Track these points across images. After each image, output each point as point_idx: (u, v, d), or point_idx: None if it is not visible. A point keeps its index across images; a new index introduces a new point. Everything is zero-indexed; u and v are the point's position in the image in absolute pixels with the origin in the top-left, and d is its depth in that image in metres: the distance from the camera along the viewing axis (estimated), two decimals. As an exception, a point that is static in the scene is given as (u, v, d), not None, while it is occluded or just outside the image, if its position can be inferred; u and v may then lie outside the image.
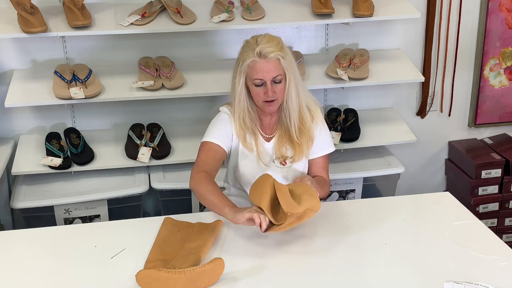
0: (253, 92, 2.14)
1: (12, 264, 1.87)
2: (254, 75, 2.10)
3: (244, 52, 2.12)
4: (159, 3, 2.80)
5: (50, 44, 2.88)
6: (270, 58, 2.08)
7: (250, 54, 2.09)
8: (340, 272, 1.81)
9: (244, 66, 2.10)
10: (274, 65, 2.09)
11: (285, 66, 2.10)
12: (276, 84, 2.11)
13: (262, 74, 2.09)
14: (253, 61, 2.08)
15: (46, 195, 2.75)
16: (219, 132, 2.21)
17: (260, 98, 2.14)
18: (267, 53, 2.07)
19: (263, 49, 2.06)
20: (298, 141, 2.22)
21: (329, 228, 2.04)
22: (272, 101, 2.14)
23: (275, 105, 2.16)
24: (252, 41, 2.12)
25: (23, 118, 2.98)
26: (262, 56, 2.07)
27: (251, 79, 2.11)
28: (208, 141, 2.20)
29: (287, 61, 2.11)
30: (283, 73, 2.11)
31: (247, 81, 2.14)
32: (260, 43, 2.08)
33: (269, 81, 2.10)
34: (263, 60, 2.08)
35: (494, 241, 1.98)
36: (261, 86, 2.11)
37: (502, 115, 3.48)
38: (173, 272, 1.68)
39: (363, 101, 3.29)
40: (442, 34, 3.26)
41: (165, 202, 2.90)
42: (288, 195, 1.88)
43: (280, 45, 2.11)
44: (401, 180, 3.14)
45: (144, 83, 2.76)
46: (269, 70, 2.08)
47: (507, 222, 3.39)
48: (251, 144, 2.23)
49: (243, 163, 2.25)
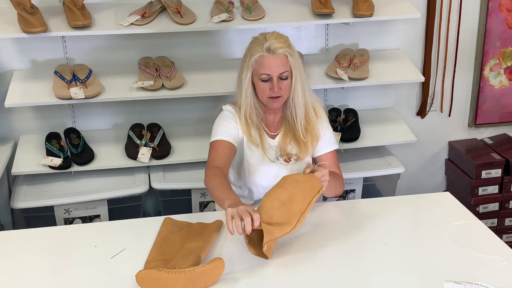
0: (258, 87, 2.15)
1: (12, 264, 1.87)
2: (261, 69, 2.11)
3: (252, 47, 2.13)
4: (159, 3, 2.80)
5: (50, 44, 2.88)
6: (278, 54, 2.09)
7: (259, 49, 2.10)
8: (340, 272, 1.81)
9: (252, 60, 2.11)
10: (281, 61, 2.10)
11: (292, 63, 2.12)
12: (283, 80, 2.12)
13: (270, 69, 2.10)
14: (261, 56, 2.10)
15: (46, 195, 2.75)
16: (225, 129, 2.21)
17: (265, 94, 2.14)
18: (276, 49, 2.08)
19: (272, 44, 2.08)
20: (304, 139, 2.23)
21: (329, 228, 2.04)
22: (277, 98, 2.14)
23: (280, 102, 2.17)
24: (260, 37, 2.14)
25: (23, 118, 2.98)
26: (270, 51, 2.09)
27: (258, 74, 2.12)
28: (216, 139, 2.20)
29: (294, 58, 2.13)
30: (289, 70, 2.12)
31: (254, 76, 2.15)
32: (269, 39, 2.10)
33: (275, 76, 2.10)
34: (271, 55, 2.09)
35: (494, 241, 1.98)
36: (267, 82, 2.12)
37: (502, 115, 3.48)
38: (173, 272, 1.68)
39: (363, 101, 3.29)
40: (442, 34, 3.26)
41: (165, 202, 2.90)
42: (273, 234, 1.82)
43: (288, 42, 2.14)
44: (401, 180, 3.14)
45: (144, 83, 2.76)
46: (277, 65, 2.09)
47: (507, 222, 3.39)
48: (257, 139, 2.24)
49: (248, 158, 2.26)
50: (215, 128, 2.24)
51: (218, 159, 2.15)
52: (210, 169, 2.10)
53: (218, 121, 2.25)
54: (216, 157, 2.16)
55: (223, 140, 2.18)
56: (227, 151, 2.18)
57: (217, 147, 2.19)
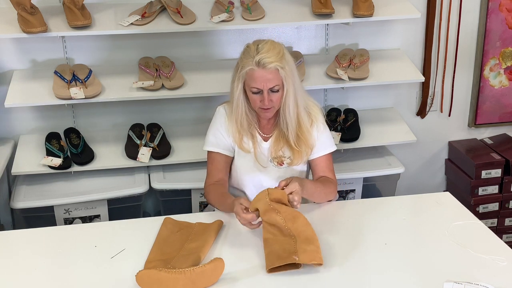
0: (250, 98, 2.15)
1: (12, 264, 1.87)
2: (252, 83, 2.09)
3: (243, 59, 2.10)
4: (159, 3, 2.80)
5: (50, 44, 2.87)
6: (268, 68, 2.06)
7: (249, 62, 2.06)
8: (340, 272, 1.80)
9: (243, 73, 2.09)
10: (272, 75, 2.07)
11: (283, 76, 2.08)
12: (274, 93, 2.10)
13: (260, 83, 2.07)
14: (251, 70, 2.07)
15: (46, 195, 2.75)
16: (215, 140, 2.25)
17: (256, 105, 2.14)
18: (266, 64, 2.04)
19: (262, 58, 2.04)
20: (297, 148, 2.21)
21: (329, 228, 2.04)
22: (268, 109, 2.14)
23: (271, 112, 2.17)
24: (253, 47, 2.09)
25: (23, 118, 2.98)
26: (260, 65, 2.05)
27: (249, 86, 2.11)
28: (210, 151, 2.27)
29: (286, 71, 2.08)
30: (281, 83, 2.09)
31: (245, 87, 2.14)
32: (261, 51, 2.05)
33: (266, 90, 2.08)
34: (261, 69, 2.06)
35: (494, 241, 1.98)
36: (258, 94, 2.11)
37: (502, 115, 3.48)
38: (173, 272, 1.68)
39: (363, 101, 3.29)
40: (442, 34, 3.26)
41: (165, 202, 2.90)
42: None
43: (281, 54, 2.08)
44: (401, 180, 3.14)
45: (144, 83, 2.76)
46: (267, 80, 2.07)
47: (507, 222, 3.39)
48: (248, 145, 2.23)
49: (239, 163, 2.26)
50: (208, 133, 2.29)
51: (215, 175, 2.25)
52: (208, 187, 2.24)
53: (211, 127, 2.29)
54: (212, 172, 2.26)
55: (217, 153, 2.25)
56: (222, 164, 2.26)
57: (212, 161, 2.27)
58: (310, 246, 1.81)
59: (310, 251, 1.79)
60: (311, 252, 1.79)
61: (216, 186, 2.22)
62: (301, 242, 1.83)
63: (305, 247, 1.80)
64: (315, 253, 1.80)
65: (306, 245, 1.81)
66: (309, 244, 1.82)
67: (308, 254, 1.78)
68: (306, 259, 1.77)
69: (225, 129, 2.24)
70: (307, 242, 1.83)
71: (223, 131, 2.24)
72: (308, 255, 1.78)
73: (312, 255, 1.79)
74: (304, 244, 1.82)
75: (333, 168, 2.32)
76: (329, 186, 2.22)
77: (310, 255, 1.78)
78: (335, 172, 2.32)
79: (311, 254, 1.79)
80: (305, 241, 1.84)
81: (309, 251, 1.79)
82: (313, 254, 1.79)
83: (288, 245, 1.82)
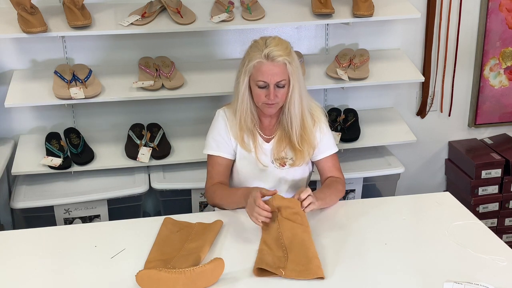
0: (254, 92, 2.14)
1: (12, 264, 1.87)
2: (259, 76, 2.08)
3: (251, 52, 2.10)
4: (159, 3, 2.80)
5: (50, 44, 2.87)
6: (277, 62, 2.06)
7: (257, 55, 2.07)
8: (340, 272, 1.80)
9: (250, 66, 2.09)
10: (280, 69, 2.07)
11: (290, 72, 2.09)
12: (279, 88, 2.11)
13: (267, 77, 2.07)
14: (259, 62, 2.07)
15: (46, 195, 2.75)
16: (215, 143, 2.25)
17: (260, 100, 2.13)
18: (275, 56, 2.05)
19: (271, 51, 2.05)
20: (300, 147, 2.21)
21: (329, 228, 2.04)
22: (273, 104, 2.13)
23: (275, 108, 2.16)
24: (261, 41, 2.10)
25: (23, 118, 2.98)
26: (269, 58, 2.06)
27: (255, 79, 2.10)
28: (210, 154, 2.25)
29: (293, 66, 2.09)
30: (287, 78, 2.10)
31: (250, 81, 2.13)
32: (269, 45, 2.06)
33: (272, 84, 2.08)
34: (270, 62, 2.06)
35: (494, 241, 1.98)
36: (264, 88, 2.11)
37: (502, 115, 3.48)
38: (173, 272, 1.68)
39: (363, 101, 3.29)
40: (442, 34, 3.26)
41: (165, 202, 2.90)
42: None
43: (289, 49, 2.10)
44: (401, 180, 3.14)
45: (144, 83, 2.76)
46: (275, 73, 2.07)
47: (507, 222, 3.39)
48: (249, 145, 2.23)
49: (241, 164, 2.26)
50: (207, 136, 2.28)
51: (216, 178, 2.24)
52: (210, 188, 2.22)
53: (211, 130, 2.28)
54: (213, 175, 2.25)
55: (218, 156, 2.24)
56: (223, 167, 2.25)
57: (213, 164, 2.25)
58: (299, 266, 1.78)
59: (298, 271, 1.77)
60: (299, 272, 1.77)
61: (220, 185, 2.22)
62: (291, 261, 1.80)
63: (293, 267, 1.78)
64: (304, 272, 1.77)
65: (295, 265, 1.79)
66: (299, 264, 1.79)
67: (297, 273, 1.76)
68: (293, 275, 1.76)
69: (226, 132, 2.23)
70: (298, 262, 1.80)
71: (223, 134, 2.24)
72: (296, 274, 1.76)
73: (301, 274, 1.76)
74: (293, 264, 1.79)
75: (340, 167, 2.33)
76: (335, 186, 2.23)
77: (299, 274, 1.76)
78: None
79: (300, 273, 1.76)
80: (296, 260, 1.81)
81: (298, 271, 1.77)
82: (302, 273, 1.76)
83: (279, 261, 1.81)
